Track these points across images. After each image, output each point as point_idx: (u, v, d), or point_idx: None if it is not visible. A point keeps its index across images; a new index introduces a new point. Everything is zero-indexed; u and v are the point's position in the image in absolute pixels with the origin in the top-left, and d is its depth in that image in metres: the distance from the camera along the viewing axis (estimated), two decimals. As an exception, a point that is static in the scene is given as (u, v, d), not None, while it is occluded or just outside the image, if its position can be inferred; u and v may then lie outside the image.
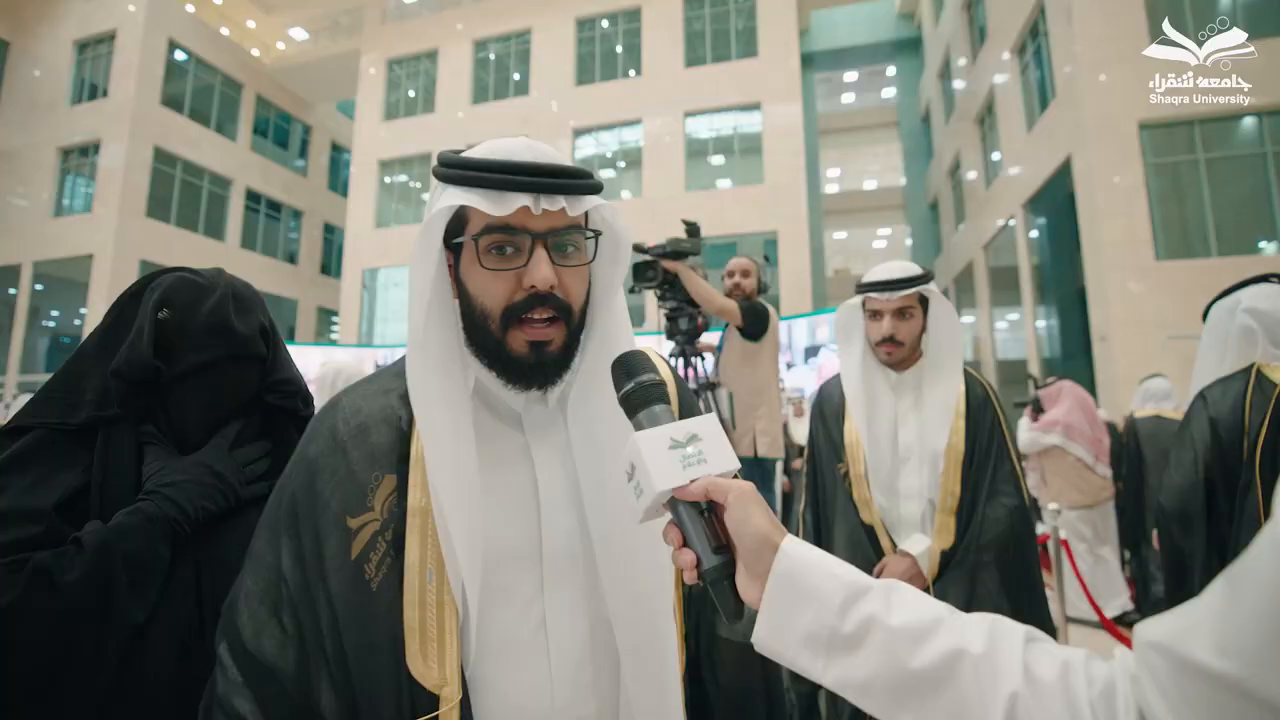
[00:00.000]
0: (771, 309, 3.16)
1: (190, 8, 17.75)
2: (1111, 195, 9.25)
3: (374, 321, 17.27)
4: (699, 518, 0.56)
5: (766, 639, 0.52)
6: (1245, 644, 0.35)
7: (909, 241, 21.64)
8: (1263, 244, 9.30)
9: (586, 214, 0.72)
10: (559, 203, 0.66)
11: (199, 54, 17.31)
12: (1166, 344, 7.72)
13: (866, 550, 1.70)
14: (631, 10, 16.27)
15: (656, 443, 0.57)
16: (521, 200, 0.65)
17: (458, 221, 0.69)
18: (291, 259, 20.15)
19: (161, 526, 0.86)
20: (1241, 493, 1.66)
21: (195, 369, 0.97)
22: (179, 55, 16.90)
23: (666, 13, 15.84)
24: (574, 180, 0.67)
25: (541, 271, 0.66)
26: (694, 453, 0.57)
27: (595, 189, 0.70)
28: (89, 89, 16.37)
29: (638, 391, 0.62)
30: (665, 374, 0.84)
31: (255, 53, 19.57)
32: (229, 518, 0.95)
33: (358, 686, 0.63)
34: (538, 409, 0.74)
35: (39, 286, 16.39)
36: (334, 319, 20.07)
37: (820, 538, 1.84)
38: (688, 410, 0.83)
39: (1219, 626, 0.37)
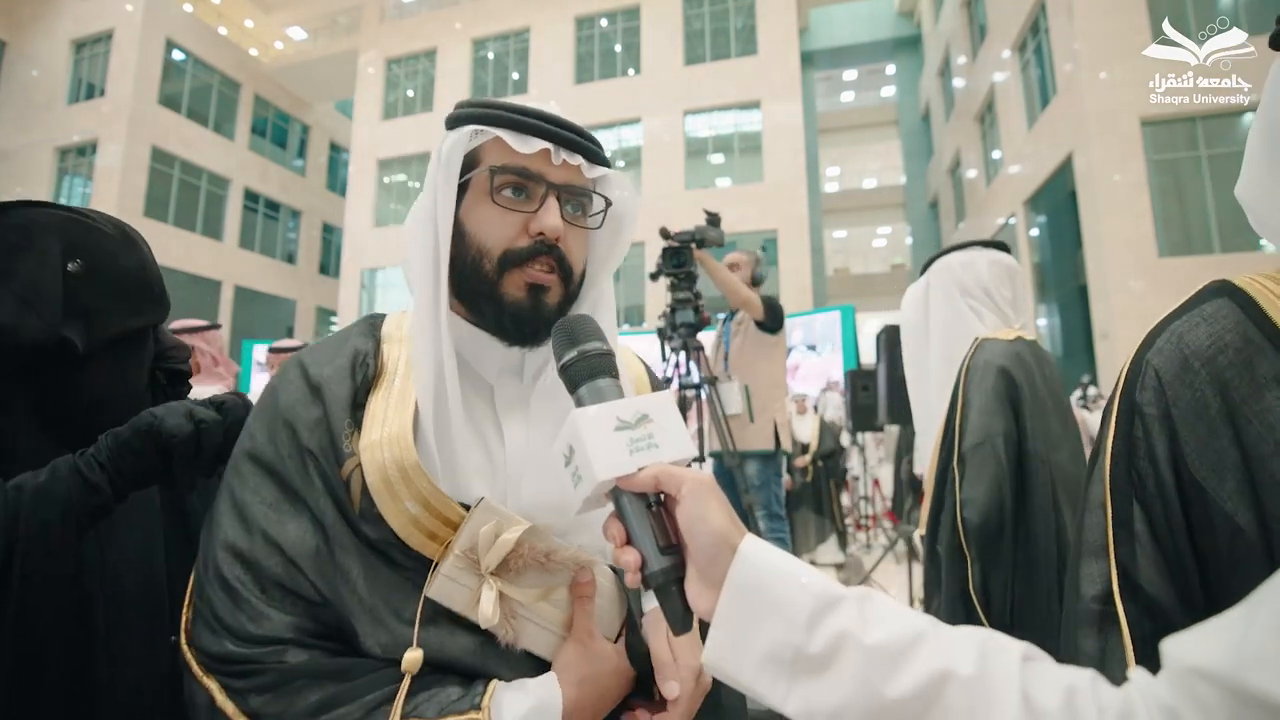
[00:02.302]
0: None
1: (188, 7, 17.70)
2: (1113, 193, 9.23)
3: (373, 321, 17.28)
4: (646, 512, 0.49)
5: (718, 658, 0.45)
6: None
7: (909, 240, 21.61)
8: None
9: (595, 183, 0.72)
10: (577, 158, 0.67)
11: (197, 53, 17.27)
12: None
13: None
14: (631, 9, 16.23)
15: (600, 423, 0.50)
16: (544, 143, 0.64)
17: (465, 165, 0.67)
18: (290, 259, 20.12)
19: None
20: None
21: (127, 337, 0.79)
22: (177, 55, 16.85)
23: (666, 11, 15.82)
24: (592, 145, 0.68)
25: (552, 219, 0.64)
26: (644, 436, 0.50)
27: (609, 163, 0.70)
28: (86, 88, 16.31)
29: (581, 362, 0.54)
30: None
31: (253, 52, 19.53)
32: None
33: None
34: (510, 384, 0.71)
35: (37, 287, 16.36)
36: (333, 319, 20.04)
37: None
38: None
39: None
